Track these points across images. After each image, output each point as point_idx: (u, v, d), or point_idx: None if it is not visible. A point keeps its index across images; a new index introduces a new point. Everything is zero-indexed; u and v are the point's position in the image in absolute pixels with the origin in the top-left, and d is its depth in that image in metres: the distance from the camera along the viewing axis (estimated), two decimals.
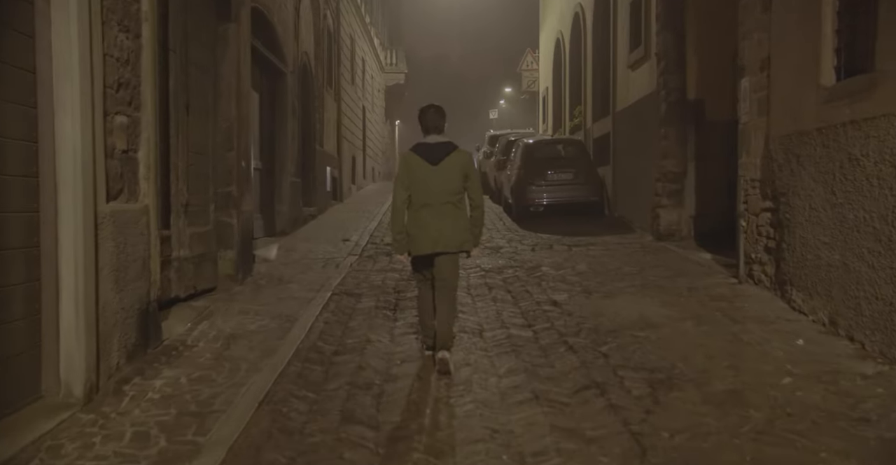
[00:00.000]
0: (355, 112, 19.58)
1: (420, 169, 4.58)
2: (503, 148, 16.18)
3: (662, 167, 9.80)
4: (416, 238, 4.61)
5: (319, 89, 13.44)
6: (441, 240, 4.57)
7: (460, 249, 4.69)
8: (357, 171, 19.77)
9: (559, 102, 19.06)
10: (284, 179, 10.40)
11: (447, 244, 4.58)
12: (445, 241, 4.58)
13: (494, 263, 8.54)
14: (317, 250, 9.39)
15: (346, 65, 17.67)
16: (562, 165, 12.51)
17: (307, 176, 12.50)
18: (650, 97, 10.48)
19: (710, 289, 6.69)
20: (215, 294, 6.48)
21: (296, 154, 11.21)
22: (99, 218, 3.95)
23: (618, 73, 12.44)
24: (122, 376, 4.17)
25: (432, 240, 4.56)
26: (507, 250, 9.50)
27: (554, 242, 10.09)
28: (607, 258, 8.59)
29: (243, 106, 7.08)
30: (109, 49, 4.14)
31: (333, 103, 15.56)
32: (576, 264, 8.27)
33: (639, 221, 11.15)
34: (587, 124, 15.22)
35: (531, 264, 8.38)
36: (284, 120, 10.40)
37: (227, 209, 6.77)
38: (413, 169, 4.60)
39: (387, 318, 5.92)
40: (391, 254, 9.22)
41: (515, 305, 6.37)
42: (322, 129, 13.81)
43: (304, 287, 6.99)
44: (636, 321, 5.61)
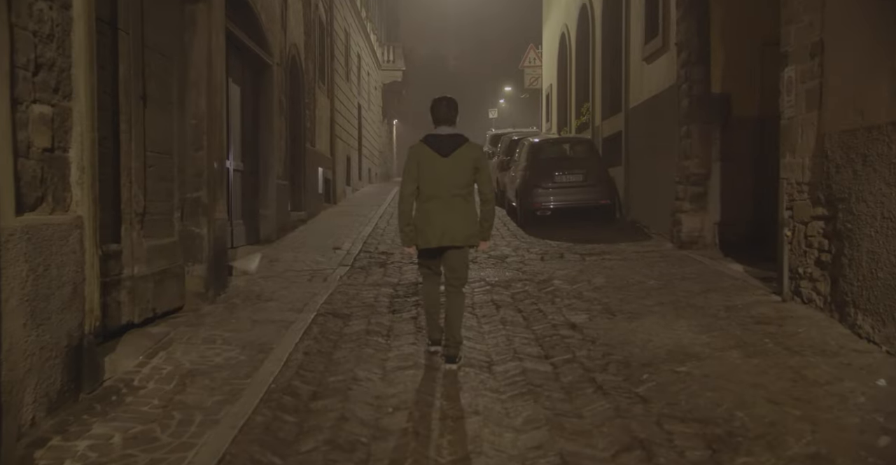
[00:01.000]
0: (350, 110, 18.69)
1: (430, 160, 4.51)
2: (506, 148, 15.31)
3: (684, 168, 8.93)
4: (424, 231, 4.53)
5: (310, 85, 12.56)
6: (448, 233, 4.50)
7: (468, 243, 4.60)
8: (352, 172, 18.89)
9: (564, 100, 18.19)
10: (270, 182, 9.53)
11: (454, 238, 4.51)
12: (453, 234, 4.51)
13: (501, 275, 7.67)
14: (304, 259, 8.50)
15: (340, 60, 16.79)
16: (570, 166, 11.64)
17: (296, 178, 11.62)
18: (669, 92, 9.61)
19: (751, 308, 5.82)
20: (180, 316, 5.60)
21: (283, 154, 10.33)
22: (4, 235, 3.06)
23: (631, 67, 11.57)
24: (38, 435, 3.28)
25: (440, 233, 4.49)
26: (513, 259, 8.63)
27: (564, 250, 9.22)
28: (626, 270, 7.71)
29: (216, 99, 6.20)
30: (21, 20, 3.26)
31: (326, 100, 14.69)
32: (592, 276, 7.40)
33: (656, 226, 10.28)
34: (595, 122, 14.35)
35: (542, 276, 7.51)
36: (270, 117, 9.52)
37: (196, 217, 5.89)
38: (422, 160, 4.52)
39: (378, 347, 5.04)
40: (385, 264, 8.36)
41: (528, 328, 5.50)
42: (313, 127, 12.93)
43: (285, 306, 6.11)
44: (673, 351, 4.74)
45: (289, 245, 9.51)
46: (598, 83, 14.06)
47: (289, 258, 8.52)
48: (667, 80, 9.72)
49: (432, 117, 4.68)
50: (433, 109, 4.66)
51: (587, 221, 11.81)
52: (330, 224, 11.93)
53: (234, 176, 8.44)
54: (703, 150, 8.81)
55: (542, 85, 22.02)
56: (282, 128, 10.22)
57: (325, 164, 14.31)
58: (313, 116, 12.85)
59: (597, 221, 11.70)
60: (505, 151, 15.27)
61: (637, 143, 11.35)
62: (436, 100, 4.71)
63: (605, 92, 13.62)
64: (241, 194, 8.80)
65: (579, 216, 11.82)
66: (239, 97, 8.77)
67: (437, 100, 4.69)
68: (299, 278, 7.47)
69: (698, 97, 8.78)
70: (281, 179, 10.17)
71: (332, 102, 15.22)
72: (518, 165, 12.46)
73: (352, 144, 18.95)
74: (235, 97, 8.62)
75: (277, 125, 9.87)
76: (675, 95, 9.26)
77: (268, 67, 9.49)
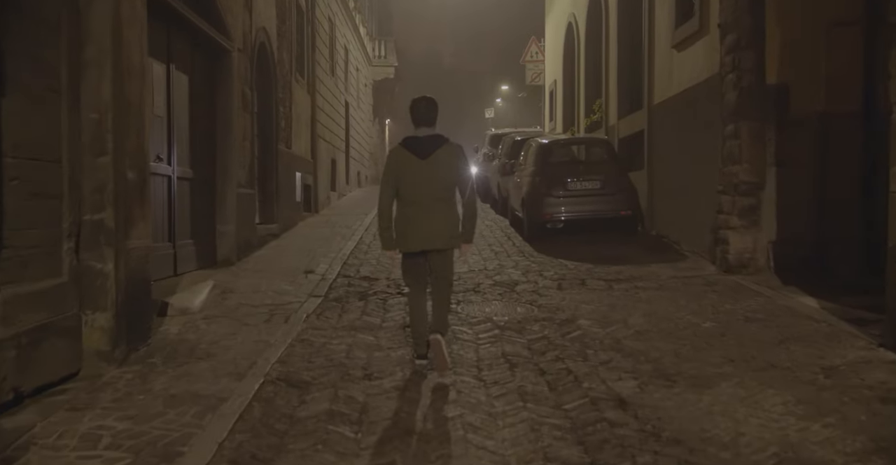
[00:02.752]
0: (336, 108, 17.06)
1: (409, 163, 4.44)
2: (509, 149, 13.71)
3: (731, 176, 7.34)
4: (406, 236, 4.48)
5: (285, 78, 10.94)
6: (431, 238, 4.46)
7: (450, 245, 4.54)
8: (338, 175, 17.25)
9: (571, 97, 16.61)
10: (229, 191, 7.90)
11: (436, 241, 4.47)
12: (435, 238, 4.46)
13: (511, 312, 6.06)
14: (266, 289, 6.88)
15: (324, 52, 15.15)
16: (585, 171, 10.03)
17: (267, 185, 10.00)
18: (708, 84, 8.04)
19: (861, 371, 4.26)
20: (68, 390, 3.97)
21: (248, 158, 8.71)
22: None
23: (656, 56, 9.99)
24: None
25: (422, 238, 4.45)
26: (525, 287, 7.02)
27: (585, 273, 7.63)
28: (668, 304, 6.13)
29: (130, 86, 4.58)
30: None
31: (306, 96, 13.06)
32: (627, 314, 5.81)
33: (689, 242, 8.70)
34: (609, 121, 12.76)
35: (563, 313, 5.91)
36: (229, 113, 7.89)
37: (98, 248, 4.27)
38: (401, 164, 4.46)
39: (344, 443, 3.43)
40: (367, 296, 6.75)
41: (558, 407, 3.90)
42: (289, 126, 11.31)
43: (223, 369, 4.49)
44: (784, 459, 3.15)
45: (252, 268, 7.88)
46: (612, 77, 12.47)
47: (247, 287, 6.89)
48: (705, 69, 8.14)
49: (412, 118, 4.58)
50: (412, 109, 4.56)
51: (604, 234, 10.23)
52: (307, 238, 10.30)
53: (178, 186, 6.82)
54: (755, 153, 7.22)
55: (544, 81, 20.41)
56: (246, 126, 8.60)
57: (305, 168, 12.69)
58: (289, 114, 11.23)
59: (615, 234, 10.13)
60: (507, 153, 13.67)
61: (664, 144, 9.77)
62: (415, 100, 4.61)
63: (622, 87, 12.03)
64: (189, 208, 7.18)
65: (595, 228, 10.24)
66: (187, 88, 7.14)
67: (416, 100, 4.60)
68: (254, 316, 5.85)
69: (749, 89, 7.19)
70: (245, 187, 8.55)
71: (313, 99, 13.59)
72: (524, 170, 10.86)
73: (338, 145, 17.31)
74: (181, 88, 7.01)
75: (240, 123, 8.25)
76: (716, 87, 7.68)
77: (226, 54, 7.87)
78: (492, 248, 9.63)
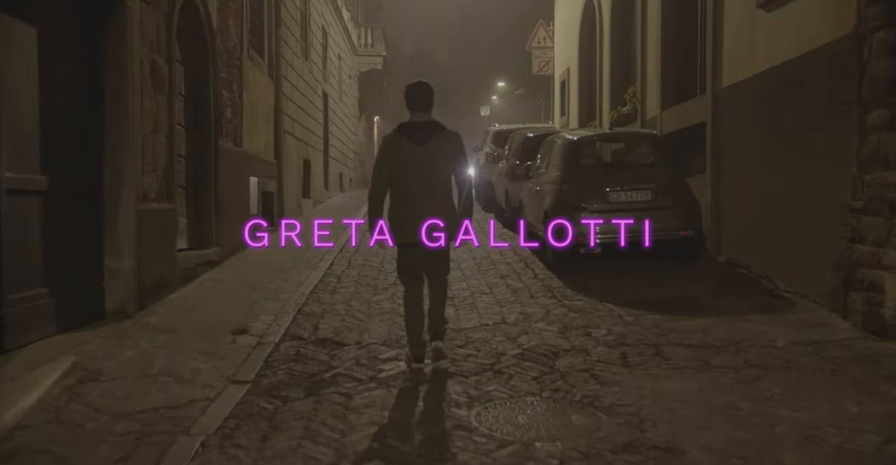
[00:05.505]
0: (311, 99, 14.43)
1: (403, 151, 4.29)
2: (519, 149, 11.15)
3: (884, 187, 4.81)
4: (402, 226, 4.29)
5: (231, 53, 8.32)
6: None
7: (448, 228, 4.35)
8: (314, 179, 14.62)
9: (589, 86, 14.08)
10: (124, 208, 5.28)
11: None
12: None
13: (563, 429, 3.48)
14: (160, 371, 4.28)
15: (294, 30, 12.52)
16: (631, 178, 7.45)
17: (202, 195, 7.40)
18: (828, 52, 5.50)
19: None
20: None
21: (163, 159, 6.10)
22: None
23: (726, 23, 7.46)
24: None
25: (417, 229, 4.24)
26: (571, 362, 4.46)
27: (653, 331, 5.10)
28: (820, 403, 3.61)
29: None
30: None
31: (268, 82, 10.44)
32: (768, 434, 3.25)
33: (787, 278, 6.17)
34: (647, 113, 10.22)
35: (654, 431, 3.36)
36: (123, 93, 5.27)
37: None
38: (395, 151, 4.31)
39: None
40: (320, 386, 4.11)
41: None
42: (239, 117, 8.70)
43: None
44: None
45: (156, 325, 5.26)
46: (653, 58, 9.91)
47: (129, 369, 4.28)
48: (823, 31, 5.60)
49: (406, 103, 4.40)
50: (407, 94, 4.40)
51: (653, 259, 7.70)
52: (257, 267, 7.69)
53: (9, 203, 4.21)
54: None
55: (553, 71, 17.82)
56: (159, 113, 5.99)
57: (265, 171, 10.07)
58: (238, 102, 8.62)
59: (666, 258, 7.59)
60: (517, 152, 11.10)
61: (739, 139, 7.22)
62: (410, 85, 4.44)
63: (668, 70, 9.49)
64: (40, 238, 4.56)
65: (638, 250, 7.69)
66: (35, 49, 4.53)
67: (412, 85, 4.43)
68: (102, 450, 3.24)
69: None
70: (156, 200, 5.94)
71: (278, 85, 10.97)
72: (545, 175, 8.29)
73: (313, 142, 14.68)
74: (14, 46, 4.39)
75: (144, 108, 5.65)
76: (845, 56, 5.16)
77: (118, 5, 5.25)
78: (507, 282, 7.06)
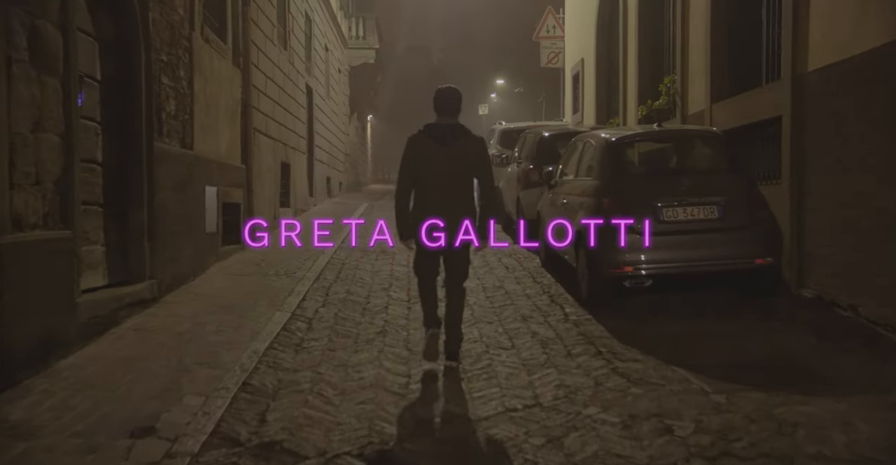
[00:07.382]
0: (291, 93, 12.63)
1: (428, 151, 4.39)
2: (532, 150, 9.42)
3: None
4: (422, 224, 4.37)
5: (175, 30, 6.53)
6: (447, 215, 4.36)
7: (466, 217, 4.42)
8: (295, 185, 12.83)
9: (608, 78, 12.35)
10: None
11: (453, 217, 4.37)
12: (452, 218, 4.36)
13: None
14: None
15: (269, 12, 10.73)
16: (689, 190, 5.71)
17: (129, 214, 5.63)
18: None
19: None
20: None
21: (56, 166, 4.34)
22: None
23: None
24: None
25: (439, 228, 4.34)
26: None
27: (763, 423, 3.33)
28: None
29: None
30: None
31: (232, 70, 8.66)
32: None
33: None
34: (690, 107, 8.48)
35: None
36: None
37: None
38: (420, 151, 4.40)
39: None
40: None
41: None
42: (189, 112, 6.91)
43: None
44: None
45: (10, 425, 3.48)
46: (700, 41, 8.15)
47: None
48: None
49: (434, 106, 4.47)
50: (437, 98, 4.47)
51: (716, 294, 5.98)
52: (202, 306, 5.91)
53: None
54: None
55: (563, 63, 16.06)
56: (44, 104, 4.22)
57: (228, 177, 8.29)
58: (187, 93, 6.84)
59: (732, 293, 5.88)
60: (531, 155, 9.36)
61: (841, 138, 5.48)
62: (440, 89, 4.53)
63: (718, 54, 7.75)
64: None
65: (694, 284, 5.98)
66: None
67: (442, 89, 4.52)
68: None
69: None
70: (44, 225, 4.18)
71: (246, 75, 9.20)
72: (574, 186, 6.55)
73: (294, 143, 12.89)
74: None
75: (15, 95, 3.89)
76: None
77: None
78: (529, 325, 5.34)
